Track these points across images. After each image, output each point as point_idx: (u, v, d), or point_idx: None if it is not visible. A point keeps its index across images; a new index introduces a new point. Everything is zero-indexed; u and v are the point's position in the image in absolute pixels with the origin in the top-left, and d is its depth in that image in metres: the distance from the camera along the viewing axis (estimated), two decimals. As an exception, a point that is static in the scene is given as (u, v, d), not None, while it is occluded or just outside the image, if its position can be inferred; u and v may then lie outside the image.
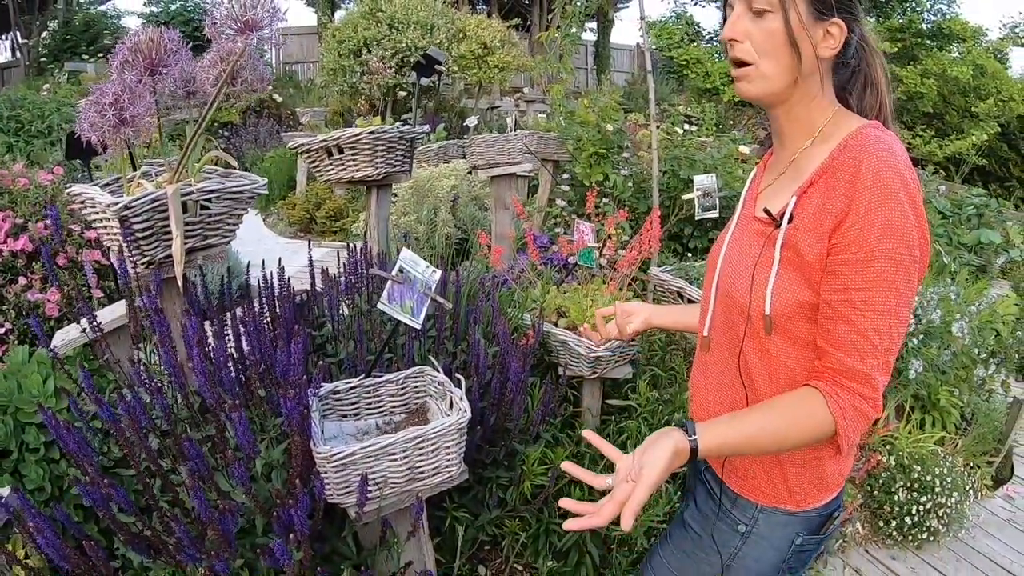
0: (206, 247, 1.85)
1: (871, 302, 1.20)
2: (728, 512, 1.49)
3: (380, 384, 1.76)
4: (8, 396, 2.34)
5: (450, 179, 4.78)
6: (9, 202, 3.84)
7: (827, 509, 1.44)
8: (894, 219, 1.17)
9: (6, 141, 9.63)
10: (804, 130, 1.35)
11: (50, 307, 3.44)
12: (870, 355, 1.21)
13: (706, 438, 1.25)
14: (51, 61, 19.68)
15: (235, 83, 1.73)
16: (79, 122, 1.78)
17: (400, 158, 2.80)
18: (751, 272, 1.34)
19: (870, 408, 1.23)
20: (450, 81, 11.88)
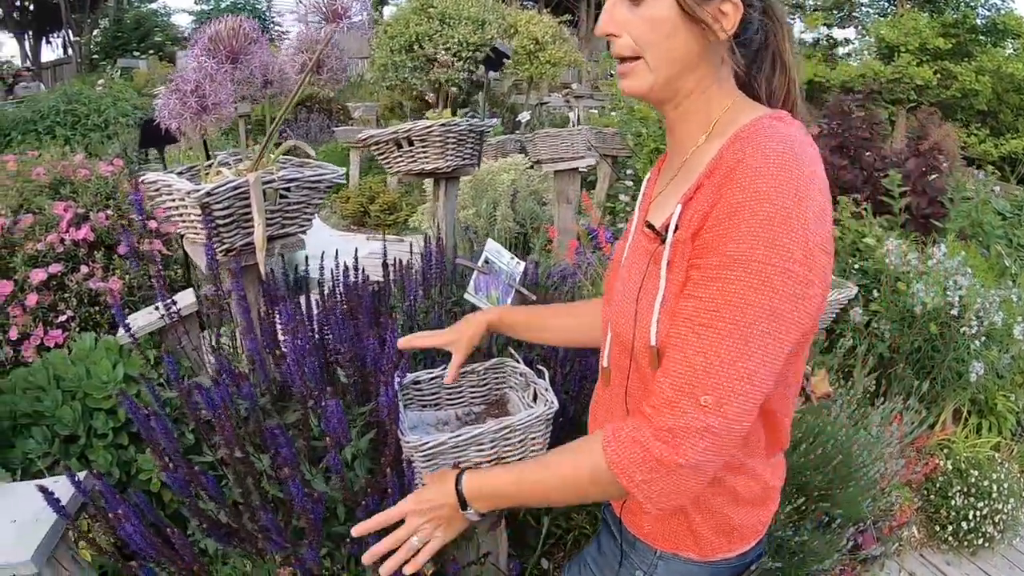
0: (284, 236, 1.84)
1: (706, 313, 1.00)
2: (627, 556, 1.33)
3: (461, 375, 1.75)
4: (77, 382, 2.37)
5: (510, 173, 4.77)
6: (71, 192, 3.90)
7: (742, 560, 1.28)
8: (768, 222, 0.96)
9: (63, 134, 9.82)
10: (699, 126, 1.16)
11: (112, 295, 3.48)
12: (683, 378, 1.01)
13: (473, 478, 1.24)
14: (103, 58, 20.06)
15: (320, 72, 1.72)
16: (159, 110, 1.79)
17: (470, 151, 2.79)
18: (635, 298, 1.16)
19: (657, 442, 1.01)
20: (500, 77, 11.89)
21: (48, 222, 3.65)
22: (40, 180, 3.95)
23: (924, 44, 14.79)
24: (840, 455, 2.84)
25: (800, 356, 1.14)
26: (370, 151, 9.08)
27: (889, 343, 3.97)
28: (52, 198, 3.82)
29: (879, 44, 15.76)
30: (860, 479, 2.93)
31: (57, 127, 10.03)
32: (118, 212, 3.83)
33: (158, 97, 1.78)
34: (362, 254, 2.37)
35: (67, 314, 3.40)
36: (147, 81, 13.49)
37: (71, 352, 2.59)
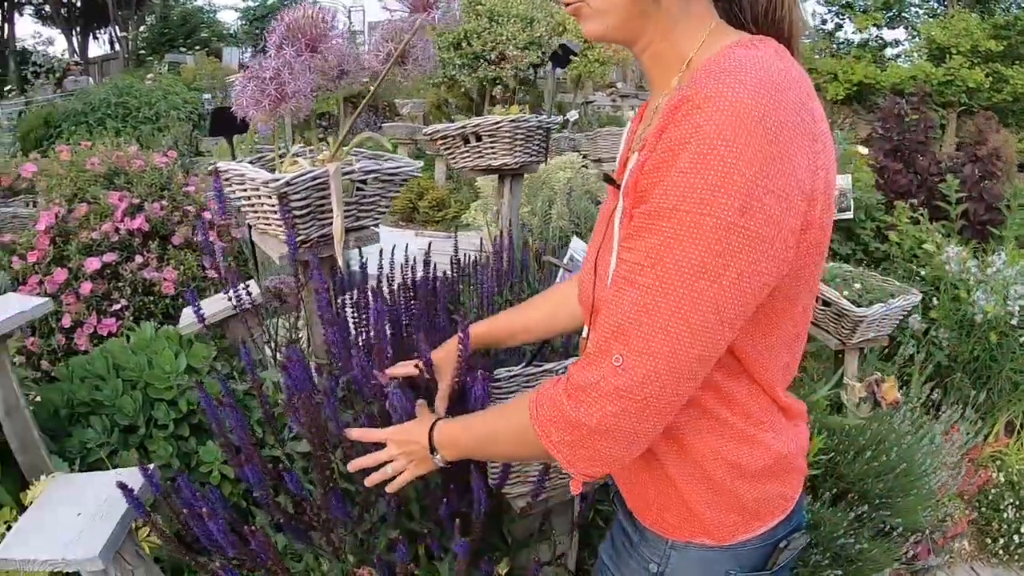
0: (358, 228, 1.81)
1: (631, 267, 0.90)
2: (638, 548, 1.20)
3: (541, 373, 1.70)
4: (138, 372, 2.35)
5: (566, 172, 4.72)
6: (125, 183, 3.92)
7: (768, 539, 1.13)
8: (703, 166, 0.83)
9: (114, 126, 9.95)
10: (671, 68, 1.02)
11: (166, 285, 3.49)
12: (602, 335, 0.92)
13: (441, 426, 1.23)
14: (149, 54, 20.37)
15: (405, 62, 1.68)
16: (235, 97, 1.76)
17: (536, 148, 2.75)
18: (595, 258, 1.08)
19: (568, 400, 0.94)
20: (544, 75, 11.86)
21: (103, 211, 3.67)
22: (95, 170, 3.97)
23: (975, 46, 14.56)
24: (904, 463, 2.79)
25: (786, 315, 1.01)
26: (419, 147, 9.04)
27: (947, 351, 3.89)
28: (106, 188, 3.84)
29: (929, 45, 15.53)
30: (921, 488, 2.87)
31: (108, 119, 10.18)
32: (172, 203, 3.84)
33: (234, 84, 1.75)
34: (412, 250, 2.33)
35: (121, 303, 3.42)
36: (195, 76, 13.62)
37: (129, 341, 2.58)
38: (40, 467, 2.16)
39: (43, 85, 15.79)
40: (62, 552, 1.60)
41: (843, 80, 14.87)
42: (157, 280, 3.51)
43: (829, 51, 16.81)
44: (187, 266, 3.63)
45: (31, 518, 1.78)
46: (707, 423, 1.05)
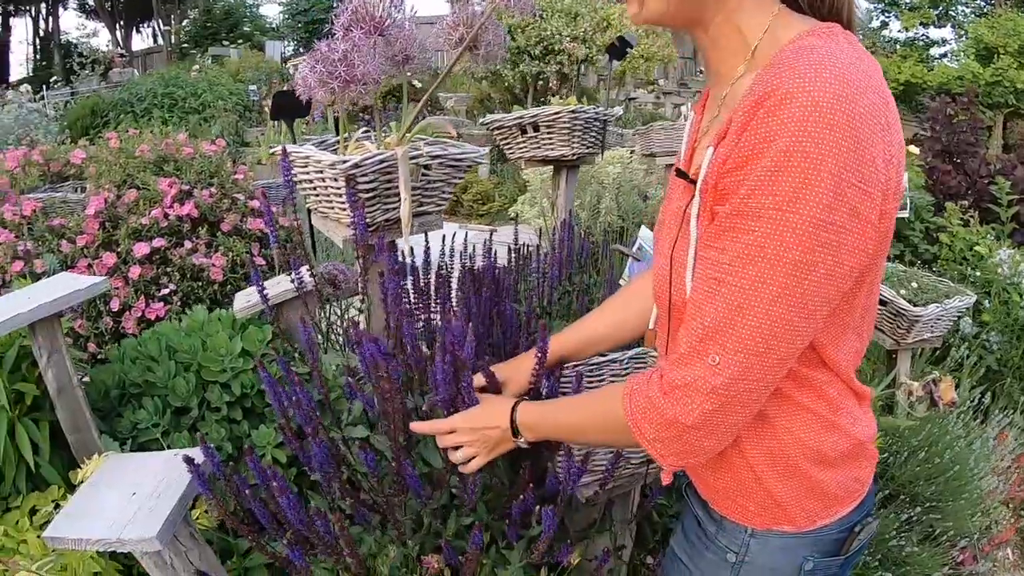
0: (422, 214, 1.80)
1: (720, 267, 0.91)
2: (714, 539, 1.21)
3: (604, 364, 1.68)
4: (192, 354, 2.35)
5: (615, 166, 4.70)
6: (174, 169, 3.95)
7: (844, 524, 1.15)
8: (790, 165, 0.83)
9: (161, 116, 10.07)
10: (734, 53, 0.99)
11: (215, 271, 3.51)
12: (694, 334, 0.94)
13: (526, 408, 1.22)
14: (192, 47, 20.60)
15: (478, 47, 1.66)
16: (301, 78, 1.75)
17: (593, 139, 2.72)
18: (670, 253, 1.07)
19: (664, 397, 0.97)
20: (584, 71, 11.83)
21: (152, 197, 3.70)
22: (144, 157, 4.01)
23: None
24: (956, 466, 2.75)
25: (857, 302, 1.01)
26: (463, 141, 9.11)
27: (998, 355, 3.83)
28: (155, 174, 3.87)
29: (976, 45, 15.20)
30: (972, 492, 2.83)
31: (155, 109, 10.31)
32: (222, 190, 3.87)
33: (301, 66, 1.74)
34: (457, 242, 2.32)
35: (169, 288, 3.44)
36: (239, 69, 13.75)
37: (181, 324, 2.59)
38: (90, 447, 2.16)
39: (88, 76, 16.03)
40: (118, 532, 1.56)
41: (889, 79, 14.60)
42: (206, 266, 3.53)
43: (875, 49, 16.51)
44: (236, 252, 3.65)
45: (84, 497, 1.75)
46: (789, 410, 1.06)
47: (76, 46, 21.63)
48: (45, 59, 23.08)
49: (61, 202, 4.06)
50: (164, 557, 1.65)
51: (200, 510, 2.07)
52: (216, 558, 1.81)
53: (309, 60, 1.72)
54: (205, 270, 3.54)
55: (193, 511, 2.04)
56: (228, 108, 10.41)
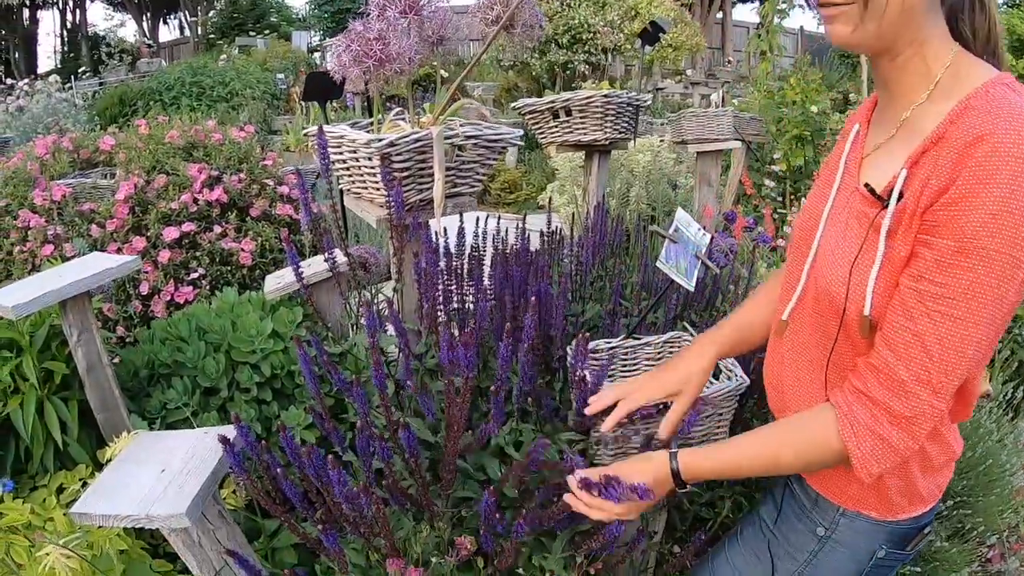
0: (456, 195, 1.78)
1: (945, 302, 0.97)
2: (808, 512, 1.34)
3: (638, 347, 1.66)
4: (222, 335, 2.36)
5: (646, 155, 4.67)
6: (204, 156, 3.97)
7: (917, 523, 1.28)
8: (1006, 209, 0.91)
9: (189, 104, 10.14)
10: (918, 81, 1.07)
11: (244, 256, 3.52)
12: (919, 364, 1.00)
13: (687, 455, 1.22)
14: (219, 37, 20.70)
15: (514, 26, 1.64)
16: (336, 57, 1.74)
17: (626, 124, 2.70)
18: (850, 265, 1.11)
19: (897, 432, 1.04)
20: (611, 61, 11.77)
21: (181, 183, 3.71)
22: (174, 143, 4.02)
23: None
24: (989, 459, 2.70)
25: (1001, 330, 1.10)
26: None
27: (1031, 349, 3.77)
28: (185, 160, 3.88)
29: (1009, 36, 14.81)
30: (1003, 488, 2.78)
31: (183, 98, 10.38)
32: (251, 176, 3.87)
33: (335, 45, 1.73)
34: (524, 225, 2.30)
35: (199, 272, 3.45)
36: (266, 59, 13.81)
37: (211, 306, 2.60)
38: (119, 426, 2.17)
39: (116, 67, 16.16)
40: (147, 509, 1.55)
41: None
42: (235, 250, 3.54)
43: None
44: (264, 237, 3.66)
45: (113, 474, 1.74)
46: None
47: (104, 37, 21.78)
48: (73, 51, 23.26)
49: (91, 188, 4.08)
50: (192, 535, 1.65)
51: (228, 490, 2.07)
52: (244, 538, 1.81)
53: (344, 39, 1.71)
54: (234, 254, 3.55)
55: (221, 491, 2.04)
56: (256, 96, 10.46)
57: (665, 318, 1.96)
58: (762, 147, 4.91)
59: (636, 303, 2.08)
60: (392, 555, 1.30)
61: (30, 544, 1.77)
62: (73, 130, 7.62)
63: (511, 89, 11.54)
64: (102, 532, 1.77)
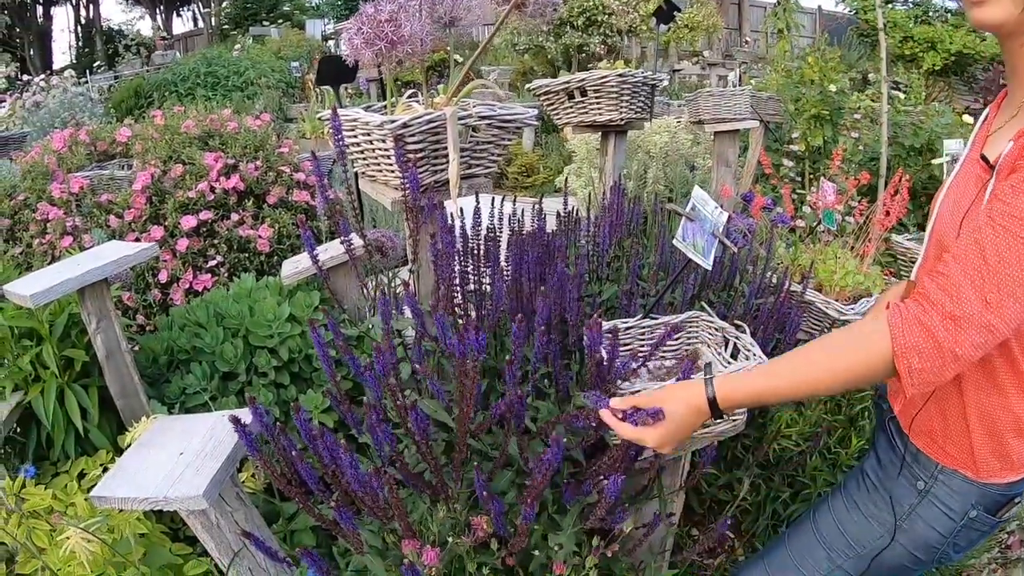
0: (470, 176, 1.77)
1: (1009, 218, 1.02)
2: (909, 467, 1.40)
3: (656, 326, 1.65)
4: (240, 320, 2.36)
5: (663, 136, 4.63)
6: (219, 144, 3.98)
7: (1009, 491, 1.32)
8: None
9: (204, 95, 10.16)
10: None
11: (261, 243, 3.53)
12: (974, 267, 1.04)
13: (724, 380, 1.21)
14: (233, 28, 20.73)
15: (525, 7, 1.63)
16: (348, 41, 1.73)
17: (641, 104, 2.67)
18: (960, 220, 1.19)
19: (943, 327, 1.05)
20: (627, 42, 11.66)
21: (198, 172, 3.72)
22: (190, 132, 4.03)
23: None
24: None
25: None
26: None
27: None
28: (201, 149, 3.89)
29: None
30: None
31: (198, 88, 10.41)
32: (267, 163, 3.88)
33: (347, 28, 1.72)
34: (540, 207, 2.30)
35: (217, 259, 3.46)
36: (280, 47, 13.81)
37: (229, 292, 2.61)
38: (139, 412, 2.18)
39: (132, 60, 16.22)
40: (164, 491, 1.56)
41: (941, 50, 14.19)
42: (252, 237, 3.55)
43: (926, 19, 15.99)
44: (281, 224, 3.66)
45: (132, 457, 1.76)
46: (1013, 380, 1.22)
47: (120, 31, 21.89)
48: (88, 46, 23.37)
49: (108, 179, 4.10)
50: (211, 517, 1.66)
51: (247, 473, 2.09)
52: (262, 520, 1.82)
53: (355, 22, 1.70)
54: (252, 241, 3.57)
55: (241, 474, 2.05)
56: (271, 85, 10.46)
57: (683, 298, 1.94)
58: (780, 127, 4.87)
59: (653, 283, 2.07)
60: (408, 536, 1.30)
61: (52, 528, 1.79)
62: (90, 123, 7.66)
63: (526, 73, 11.46)
64: (122, 516, 1.78)
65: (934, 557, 1.40)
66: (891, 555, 1.42)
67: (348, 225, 1.68)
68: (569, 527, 1.44)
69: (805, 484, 2.26)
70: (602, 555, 1.46)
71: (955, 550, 1.38)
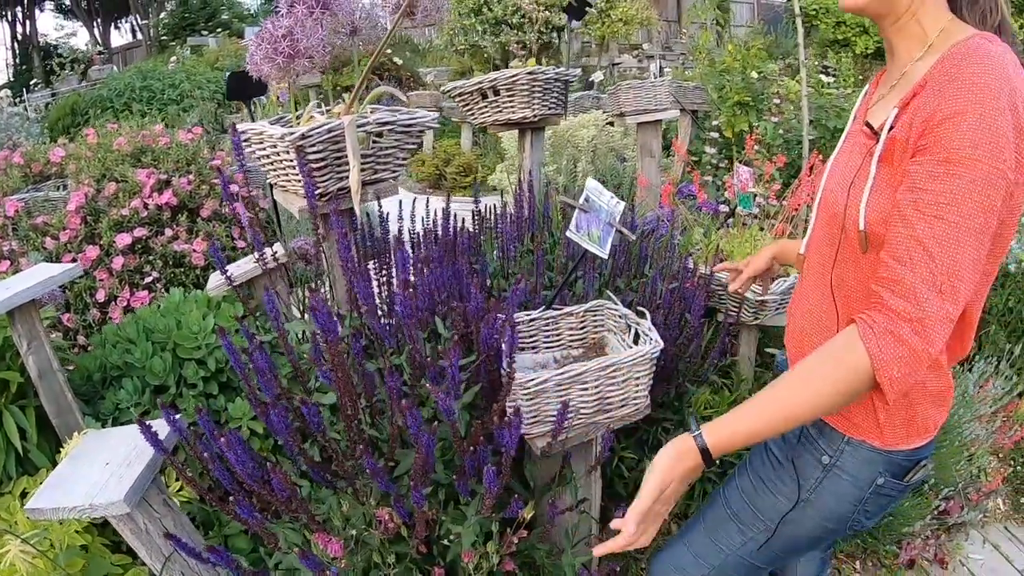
0: (376, 181, 1.83)
1: (938, 207, 1.08)
2: (814, 440, 1.42)
3: (560, 316, 1.71)
4: (167, 333, 2.40)
5: (589, 129, 4.70)
6: (152, 160, 3.98)
7: (914, 455, 1.35)
8: (985, 127, 1.05)
9: (140, 109, 10.04)
10: (915, 43, 1.26)
11: (196, 256, 3.55)
12: (923, 265, 1.08)
13: (714, 429, 1.19)
14: (171, 39, 20.47)
15: (414, 13, 1.69)
16: (249, 57, 1.78)
17: (555, 100, 2.74)
18: (848, 187, 1.28)
19: (914, 335, 1.08)
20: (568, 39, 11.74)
21: (131, 189, 3.73)
22: (122, 150, 4.03)
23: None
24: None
25: (994, 264, 1.23)
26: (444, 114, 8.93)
27: (981, 302, 3.82)
28: (134, 166, 3.90)
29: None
30: (953, 441, 2.85)
31: (133, 103, 10.26)
32: (199, 177, 3.90)
33: (251, 44, 1.77)
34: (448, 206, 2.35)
35: (153, 275, 3.48)
36: (217, 57, 13.68)
37: (160, 308, 2.63)
38: (75, 429, 2.21)
39: (68, 76, 15.96)
40: (90, 499, 1.63)
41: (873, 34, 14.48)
42: (187, 252, 3.57)
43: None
44: (216, 237, 3.69)
45: (62, 471, 1.82)
46: None
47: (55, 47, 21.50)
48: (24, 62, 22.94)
49: (44, 201, 4.09)
50: (138, 523, 1.71)
51: (179, 484, 2.13)
52: (191, 525, 1.87)
53: (256, 39, 1.75)
54: (187, 256, 3.59)
55: (177, 483, 2.10)
56: (206, 97, 10.36)
57: (590, 287, 2.00)
58: (708, 115, 4.98)
59: (562, 276, 2.12)
60: (318, 531, 1.36)
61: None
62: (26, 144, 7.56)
63: (465, 73, 11.48)
64: (63, 529, 1.83)
65: (846, 526, 1.43)
66: (802, 526, 1.45)
67: (260, 240, 1.73)
68: (472, 516, 1.49)
69: (732, 462, 2.33)
70: (510, 543, 1.49)
71: (866, 516, 1.41)
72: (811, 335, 1.42)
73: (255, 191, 3.58)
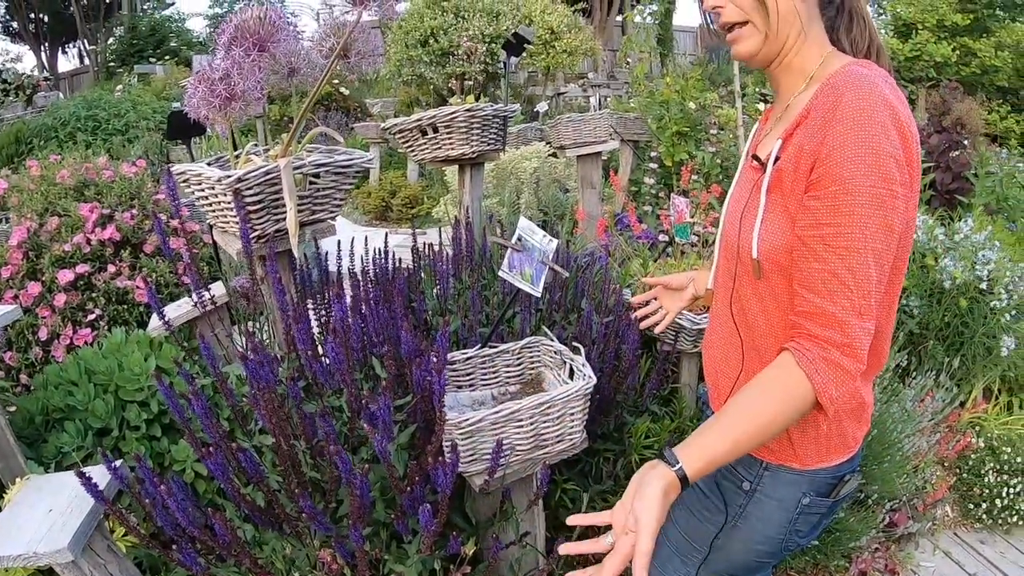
0: (314, 222, 1.84)
1: (844, 237, 1.14)
2: (732, 469, 1.46)
3: (496, 354, 1.74)
4: (109, 375, 2.38)
5: (532, 161, 4.76)
6: (95, 194, 3.94)
7: (837, 472, 1.39)
8: (871, 152, 1.12)
9: (85, 139, 9.91)
10: (798, 78, 1.32)
11: (139, 293, 3.52)
12: (841, 295, 1.15)
13: (691, 461, 1.17)
14: (119, 65, 20.23)
15: (348, 56, 1.72)
16: (187, 99, 1.79)
17: (494, 136, 2.77)
18: (739, 217, 1.35)
19: (845, 358, 1.15)
20: (515, 69, 11.81)
21: (74, 224, 3.68)
22: (65, 183, 3.98)
23: (942, 20, 14.57)
24: (875, 429, 2.84)
25: (899, 275, 1.29)
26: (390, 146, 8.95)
27: (919, 319, 3.94)
28: (77, 200, 3.85)
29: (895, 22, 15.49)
30: (895, 455, 2.91)
31: (79, 133, 10.12)
32: (143, 212, 3.86)
33: (187, 87, 1.78)
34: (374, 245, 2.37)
35: (95, 313, 3.44)
36: (164, 86, 13.56)
37: (102, 347, 2.61)
38: (17, 473, 2.19)
39: (13, 103, 15.67)
40: (34, 547, 1.62)
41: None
42: (130, 288, 3.53)
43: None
44: (159, 273, 3.65)
45: (4, 518, 1.80)
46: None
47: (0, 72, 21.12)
48: (-31, 88, 22.50)
49: (-15, 234, 4.02)
50: (84, 570, 1.71)
51: (123, 529, 2.11)
52: (137, 570, 1.85)
53: (194, 81, 1.77)
54: (130, 292, 3.55)
55: (121, 528, 2.08)
56: (152, 127, 10.25)
57: (527, 323, 2.03)
58: (649, 145, 5.07)
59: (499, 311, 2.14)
60: (261, 574, 1.36)
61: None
62: (-32, 175, 7.41)
63: (411, 104, 11.54)
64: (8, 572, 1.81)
65: (780, 547, 1.45)
66: (732, 550, 1.48)
67: (196, 281, 1.74)
68: (414, 554, 1.51)
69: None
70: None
71: (800, 536, 1.44)
72: (721, 364, 1.47)
73: (198, 225, 3.56)
